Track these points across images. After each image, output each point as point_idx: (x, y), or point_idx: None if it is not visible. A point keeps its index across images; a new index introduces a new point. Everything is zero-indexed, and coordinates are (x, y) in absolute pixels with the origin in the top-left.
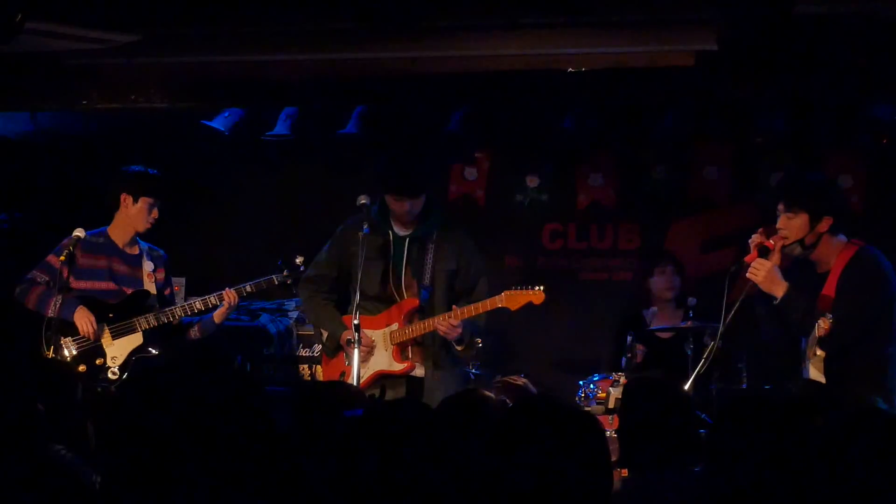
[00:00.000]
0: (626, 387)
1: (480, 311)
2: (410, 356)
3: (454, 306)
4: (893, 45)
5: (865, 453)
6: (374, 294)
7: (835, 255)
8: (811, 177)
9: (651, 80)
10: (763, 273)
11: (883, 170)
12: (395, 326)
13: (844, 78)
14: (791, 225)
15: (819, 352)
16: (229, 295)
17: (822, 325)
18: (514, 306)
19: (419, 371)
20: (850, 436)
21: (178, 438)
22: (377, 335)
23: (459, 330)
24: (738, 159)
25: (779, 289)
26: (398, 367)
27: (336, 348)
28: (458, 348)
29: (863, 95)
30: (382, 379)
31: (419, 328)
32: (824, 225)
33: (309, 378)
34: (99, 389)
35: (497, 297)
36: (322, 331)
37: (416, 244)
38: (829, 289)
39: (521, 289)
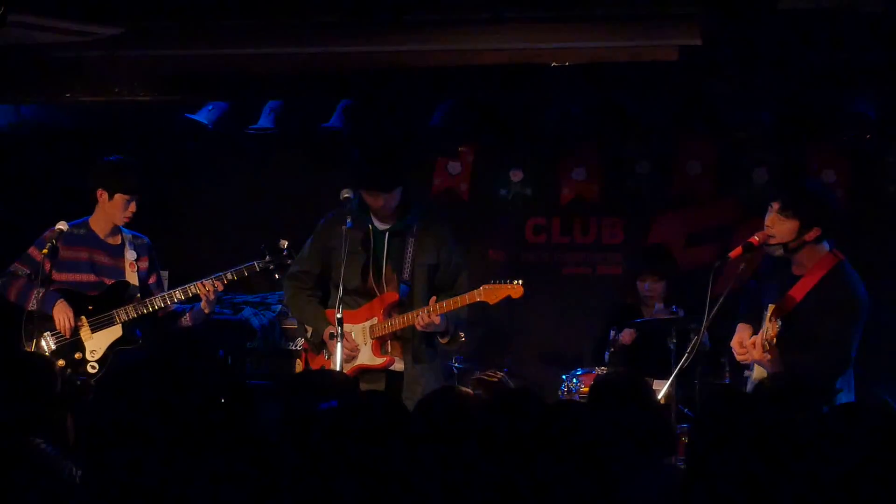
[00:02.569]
0: (591, 386)
1: (459, 305)
2: (390, 350)
3: (432, 300)
4: (876, 40)
5: (848, 446)
6: (354, 288)
7: (814, 261)
8: (811, 186)
9: (635, 74)
10: (768, 361)
11: (866, 165)
12: (374, 320)
13: (828, 73)
14: (781, 227)
15: (765, 354)
16: (201, 288)
17: (771, 329)
18: (492, 300)
19: (398, 365)
20: (833, 429)
21: (158, 431)
22: (357, 329)
23: (438, 323)
24: (722, 154)
25: (779, 368)
26: (378, 361)
27: (320, 344)
28: (442, 341)
29: (846, 90)
30: (363, 373)
31: (399, 322)
32: (812, 234)
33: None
34: (78, 382)
35: (475, 291)
36: (306, 327)
37: (396, 238)
38: (798, 292)
39: (500, 283)
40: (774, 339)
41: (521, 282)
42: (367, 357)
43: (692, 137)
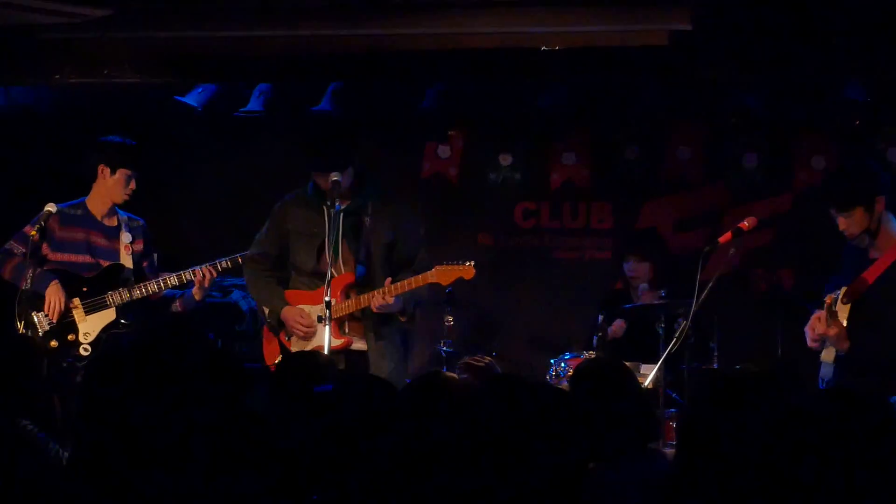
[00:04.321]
0: (573, 373)
1: (414, 286)
2: (348, 331)
3: (387, 282)
4: (867, 26)
5: (841, 434)
6: (310, 269)
7: (890, 243)
8: (846, 170)
9: (625, 59)
10: (830, 342)
11: (855, 151)
12: (332, 301)
13: (818, 58)
14: (850, 222)
15: (829, 327)
16: (196, 274)
17: (839, 309)
18: (445, 281)
19: (360, 345)
20: (825, 415)
21: (147, 414)
22: (314, 310)
23: (393, 304)
24: (712, 139)
25: (844, 345)
26: (336, 342)
27: (278, 325)
28: (402, 319)
29: (836, 76)
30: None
31: (355, 303)
32: (880, 205)
33: None
34: (65, 364)
35: (428, 272)
36: (264, 308)
37: (351, 218)
38: (872, 274)
39: (452, 264)
40: (842, 318)
41: (472, 263)
42: (325, 339)
43: (682, 122)
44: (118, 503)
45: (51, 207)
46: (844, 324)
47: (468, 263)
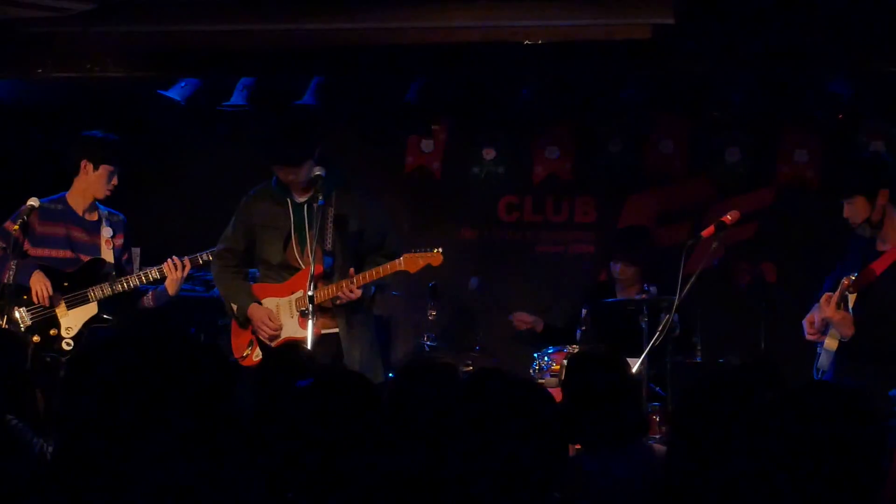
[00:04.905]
0: (568, 361)
1: (382, 274)
2: (315, 322)
3: (351, 272)
4: (849, 20)
5: (820, 426)
6: (277, 263)
7: None
8: (854, 158)
9: (608, 52)
10: (834, 325)
11: (838, 145)
12: (300, 294)
13: (801, 53)
14: (852, 210)
15: (837, 312)
16: (169, 266)
17: (848, 296)
18: (413, 269)
19: (330, 328)
20: (805, 408)
21: (130, 408)
22: (283, 303)
23: (360, 296)
24: (695, 133)
25: (849, 331)
26: (305, 333)
27: (245, 320)
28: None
29: (819, 71)
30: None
31: (324, 294)
32: (883, 198)
33: None
34: (48, 359)
35: (396, 261)
36: (232, 304)
37: (315, 210)
38: (880, 266)
39: (420, 251)
40: (848, 304)
41: (440, 250)
42: (293, 330)
43: (665, 116)
44: (102, 498)
45: (33, 202)
46: (850, 312)
47: (436, 250)
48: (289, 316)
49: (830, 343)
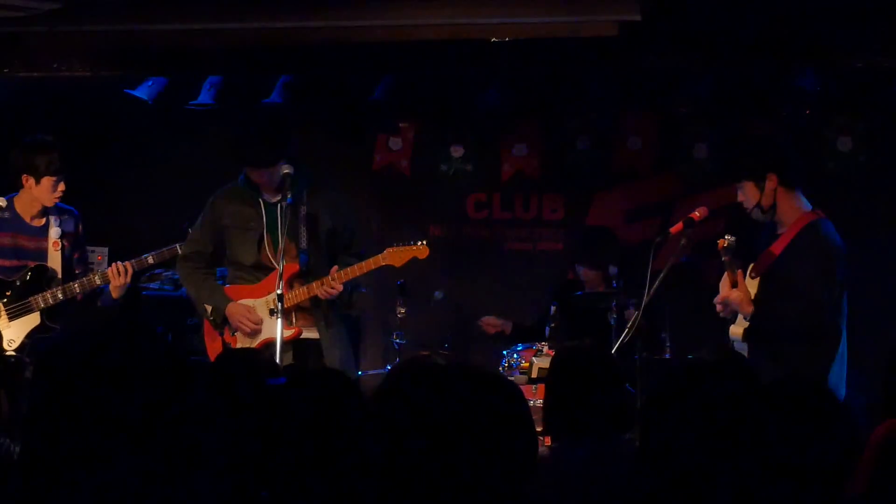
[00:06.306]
0: (555, 355)
1: (365, 270)
2: (295, 321)
3: (334, 269)
4: (817, 15)
5: (790, 420)
6: (251, 263)
7: (793, 218)
8: (737, 144)
9: (575, 50)
10: (733, 306)
11: (805, 140)
12: (275, 294)
13: (767, 48)
14: (744, 195)
15: (733, 290)
16: (113, 272)
17: (751, 285)
18: (398, 263)
19: (311, 333)
20: (775, 402)
21: (99, 410)
22: (259, 303)
23: (342, 291)
24: (662, 130)
25: (748, 308)
26: (286, 332)
27: (222, 322)
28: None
29: (785, 66)
30: (271, 346)
31: (301, 293)
32: (771, 182)
33: None
34: (12, 360)
35: (380, 255)
36: (206, 306)
37: (287, 209)
38: (777, 247)
39: (404, 245)
40: (752, 292)
41: (424, 242)
42: (273, 331)
43: (632, 113)
44: (70, 498)
45: (1, 202)
46: (745, 285)
47: (420, 243)
48: (267, 317)
49: (736, 330)
